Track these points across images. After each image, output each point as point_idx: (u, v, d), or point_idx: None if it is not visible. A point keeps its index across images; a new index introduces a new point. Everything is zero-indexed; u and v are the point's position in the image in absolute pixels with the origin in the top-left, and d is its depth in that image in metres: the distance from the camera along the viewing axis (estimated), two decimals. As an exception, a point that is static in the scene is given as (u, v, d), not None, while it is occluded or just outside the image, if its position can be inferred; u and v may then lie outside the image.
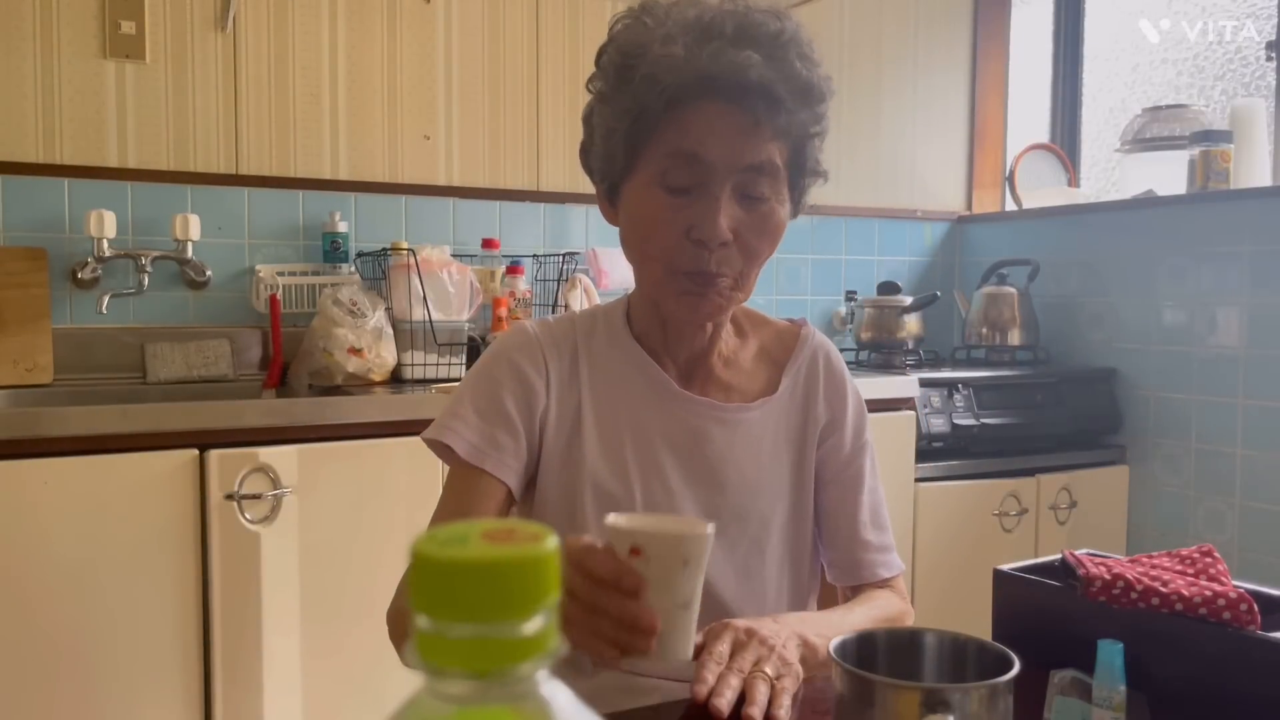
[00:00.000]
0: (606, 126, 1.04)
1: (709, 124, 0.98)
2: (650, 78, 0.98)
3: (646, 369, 1.11)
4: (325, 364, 2.16)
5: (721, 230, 0.99)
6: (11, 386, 2.06)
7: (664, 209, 1.00)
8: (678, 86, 0.97)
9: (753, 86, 0.96)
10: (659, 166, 1.00)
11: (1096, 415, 2.81)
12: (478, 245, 2.55)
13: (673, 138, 0.99)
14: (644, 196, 1.02)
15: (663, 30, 0.99)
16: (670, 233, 1.00)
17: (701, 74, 0.96)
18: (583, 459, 1.07)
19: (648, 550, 0.75)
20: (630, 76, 1.00)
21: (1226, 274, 2.61)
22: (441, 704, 0.31)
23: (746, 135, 0.98)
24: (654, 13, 1.02)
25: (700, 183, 0.99)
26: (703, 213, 0.99)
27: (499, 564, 0.30)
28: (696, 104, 0.98)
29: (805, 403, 1.15)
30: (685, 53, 0.97)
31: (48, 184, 2.20)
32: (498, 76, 2.64)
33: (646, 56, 0.99)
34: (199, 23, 2.32)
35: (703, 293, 1.02)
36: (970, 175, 3.36)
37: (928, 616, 1.60)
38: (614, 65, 1.02)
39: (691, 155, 0.98)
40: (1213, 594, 0.85)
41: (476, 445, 1.05)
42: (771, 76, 0.97)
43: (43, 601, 1.66)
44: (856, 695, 0.71)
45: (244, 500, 1.77)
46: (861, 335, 2.94)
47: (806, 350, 1.18)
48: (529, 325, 1.13)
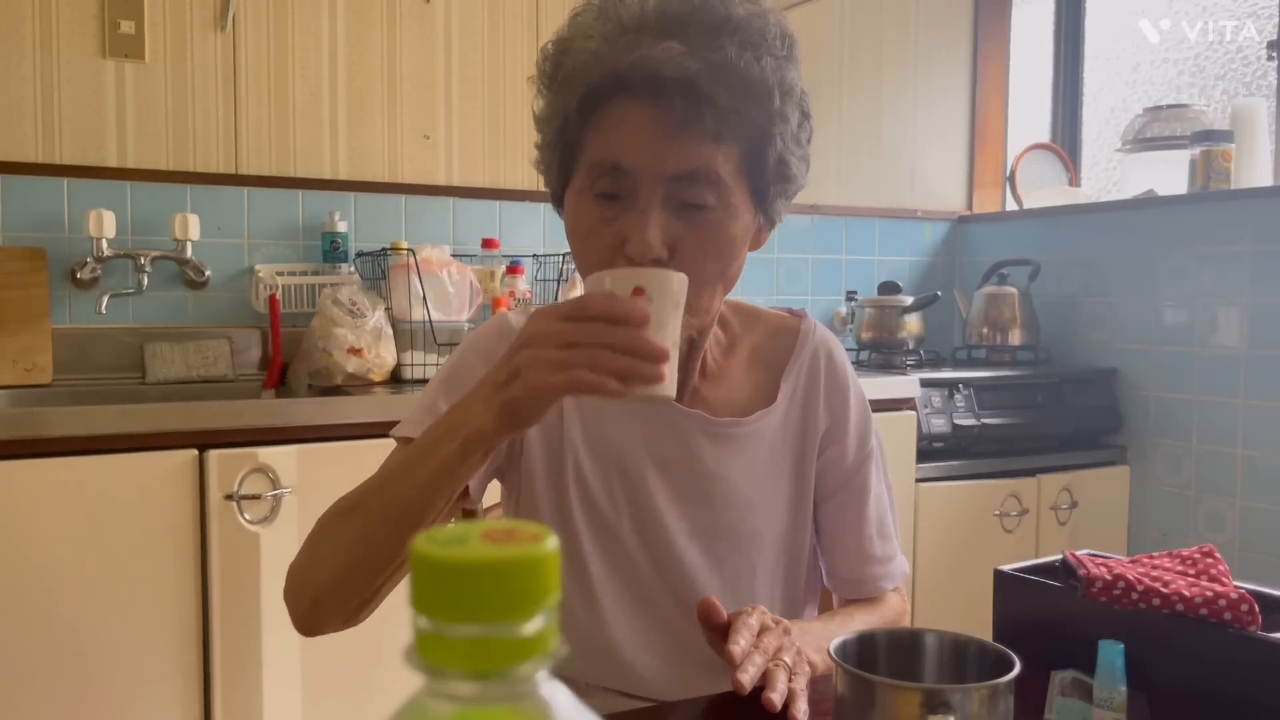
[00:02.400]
0: (540, 130, 0.97)
1: (627, 125, 0.88)
2: (569, 78, 0.90)
3: None
4: (325, 364, 2.16)
5: (651, 245, 0.87)
6: (11, 386, 2.06)
7: (595, 221, 0.91)
8: (589, 86, 0.88)
9: (668, 82, 0.85)
10: (586, 177, 0.91)
11: (1097, 415, 2.81)
12: (478, 245, 2.55)
13: (593, 145, 0.90)
14: (576, 209, 0.94)
15: (600, 24, 0.89)
16: (603, 245, 0.91)
17: (612, 70, 0.87)
18: (568, 476, 1.03)
19: (650, 289, 0.80)
20: (556, 76, 0.92)
21: (1227, 274, 2.61)
22: (441, 704, 0.31)
23: (671, 137, 0.87)
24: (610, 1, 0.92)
25: (626, 192, 0.89)
26: (631, 225, 0.89)
27: (499, 564, 0.30)
28: (610, 105, 0.88)
29: (805, 410, 1.08)
30: (599, 47, 0.87)
31: (47, 184, 2.20)
32: (498, 76, 2.64)
33: (569, 53, 0.90)
34: (199, 23, 2.32)
35: None
36: (971, 175, 3.36)
37: (928, 616, 1.60)
38: (549, 59, 0.93)
39: (613, 164, 0.89)
40: (1213, 594, 0.84)
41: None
42: (693, 68, 0.84)
43: (43, 601, 1.66)
44: (856, 696, 0.71)
45: (243, 500, 1.77)
46: (862, 335, 2.94)
47: (806, 350, 1.09)
48: (510, 316, 1.07)
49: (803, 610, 1.12)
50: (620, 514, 1.03)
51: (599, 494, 1.03)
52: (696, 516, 1.04)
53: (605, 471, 1.03)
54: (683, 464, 1.04)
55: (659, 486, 1.03)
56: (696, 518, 1.04)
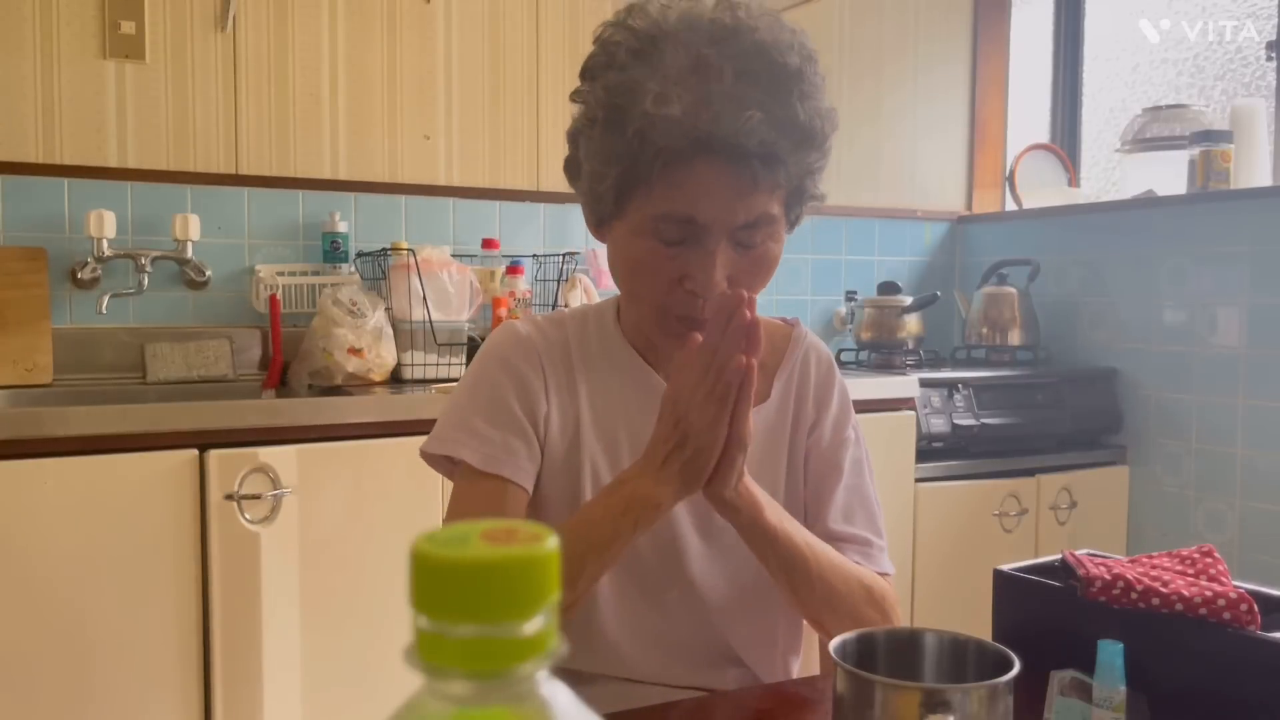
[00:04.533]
0: (591, 166, 0.98)
1: (704, 186, 0.93)
2: (642, 136, 0.92)
3: (641, 374, 1.09)
4: (325, 364, 2.16)
5: (718, 284, 0.95)
6: (11, 386, 2.06)
7: (655, 257, 0.96)
8: (672, 150, 0.91)
9: (751, 150, 0.91)
10: (649, 224, 0.95)
11: (1097, 415, 2.81)
12: (478, 245, 2.55)
13: (663, 199, 0.94)
14: (633, 245, 0.98)
15: (658, 75, 0.91)
16: (661, 280, 0.97)
17: (699, 137, 0.91)
18: (583, 466, 1.05)
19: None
20: (621, 126, 0.93)
21: (1226, 274, 2.61)
22: (441, 704, 0.31)
23: (744, 195, 0.94)
24: (642, 34, 0.94)
25: (694, 236, 0.95)
26: (698, 265, 0.95)
27: (499, 564, 0.30)
28: (691, 165, 0.92)
29: (796, 406, 1.13)
30: (682, 113, 0.90)
31: (47, 184, 2.20)
32: (498, 76, 2.64)
33: (638, 109, 0.91)
34: (199, 23, 2.32)
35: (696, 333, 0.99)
36: (970, 175, 3.36)
37: (927, 616, 1.60)
38: (602, 105, 0.95)
39: (685, 218, 0.94)
40: (1213, 594, 0.84)
41: (491, 453, 1.01)
42: (773, 137, 0.91)
43: (43, 601, 1.66)
44: (856, 695, 0.71)
45: (244, 500, 1.77)
46: (862, 335, 2.94)
47: (798, 353, 1.14)
48: (519, 326, 1.09)
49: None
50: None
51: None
52: (703, 508, 1.06)
53: (618, 462, 1.06)
54: None
55: None
56: (703, 509, 1.06)
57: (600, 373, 1.08)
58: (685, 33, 0.93)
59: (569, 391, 1.07)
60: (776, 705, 0.99)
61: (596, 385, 1.08)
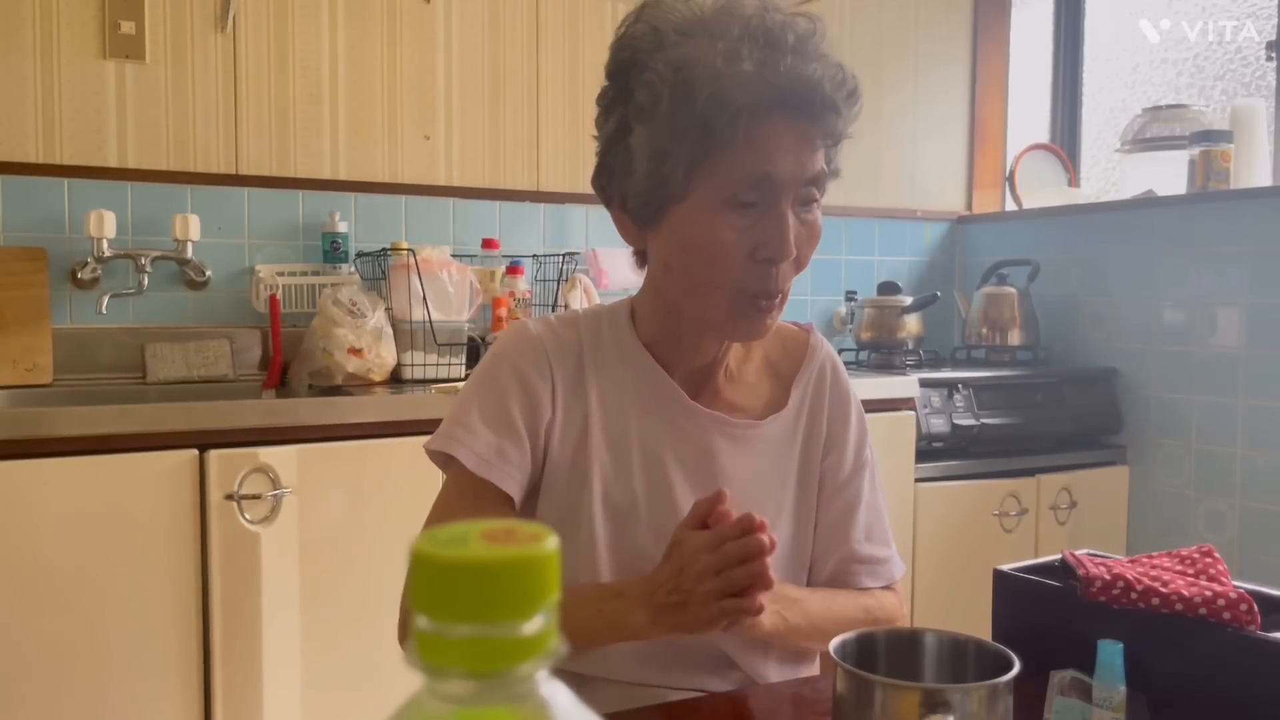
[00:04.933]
0: (655, 148, 0.97)
1: (779, 141, 0.95)
2: (717, 97, 0.92)
3: (656, 379, 1.08)
4: (325, 364, 2.16)
5: (791, 245, 0.97)
6: (11, 386, 2.06)
7: (728, 231, 0.96)
8: (754, 105, 0.92)
9: (821, 100, 0.95)
10: (728, 189, 0.95)
11: (1096, 415, 2.81)
12: (478, 245, 2.55)
13: (747, 159, 0.94)
14: (707, 220, 0.97)
15: (721, 39, 0.94)
16: (735, 257, 0.97)
17: (779, 90, 0.93)
18: (590, 472, 1.05)
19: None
20: (690, 95, 0.93)
21: (1226, 274, 2.61)
22: (441, 704, 0.31)
23: (813, 149, 0.97)
24: (679, 19, 0.97)
25: (765, 200, 0.96)
26: (771, 230, 0.96)
27: (499, 564, 0.30)
28: (769, 121, 0.94)
29: (811, 418, 1.13)
30: (756, 69, 0.92)
31: (47, 184, 2.20)
32: (498, 76, 2.64)
33: (709, 71, 0.93)
34: (199, 23, 2.32)
35: (765, 312, 1.00)
36: (970, 175, 3.36)
37: (927, 616, 1.60)
38: (666, 82, 0.95)
39: (763, 175, 0.95)
40: (1213, 594, 0.84)
41: (483, 457, 1.01)
42: (833, 89, 0.95)
43: (43, 601, 1.66)
44: (856, 695, 0.71)
45: (244, 500, 1.77)
46: (861, 335, 2.94)
47: (815, 363, 1.15)
48: (532, 326, 1.09)
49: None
50: (638, 507, 1.05)
51: (618, 486, 1.05)
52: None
53: (627, 465, 1.06)
54: (702, 462, 1.07)
55: (679, 482, 1.07)
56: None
57: (612, 372, 1.08)
58: (730, 14, 0.96)
59: (577, 393, 1.06)
60: (776, 705, 0.99)
61: (607, 384, 1.07)
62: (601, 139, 1.04)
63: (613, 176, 1.03)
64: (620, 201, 1.03)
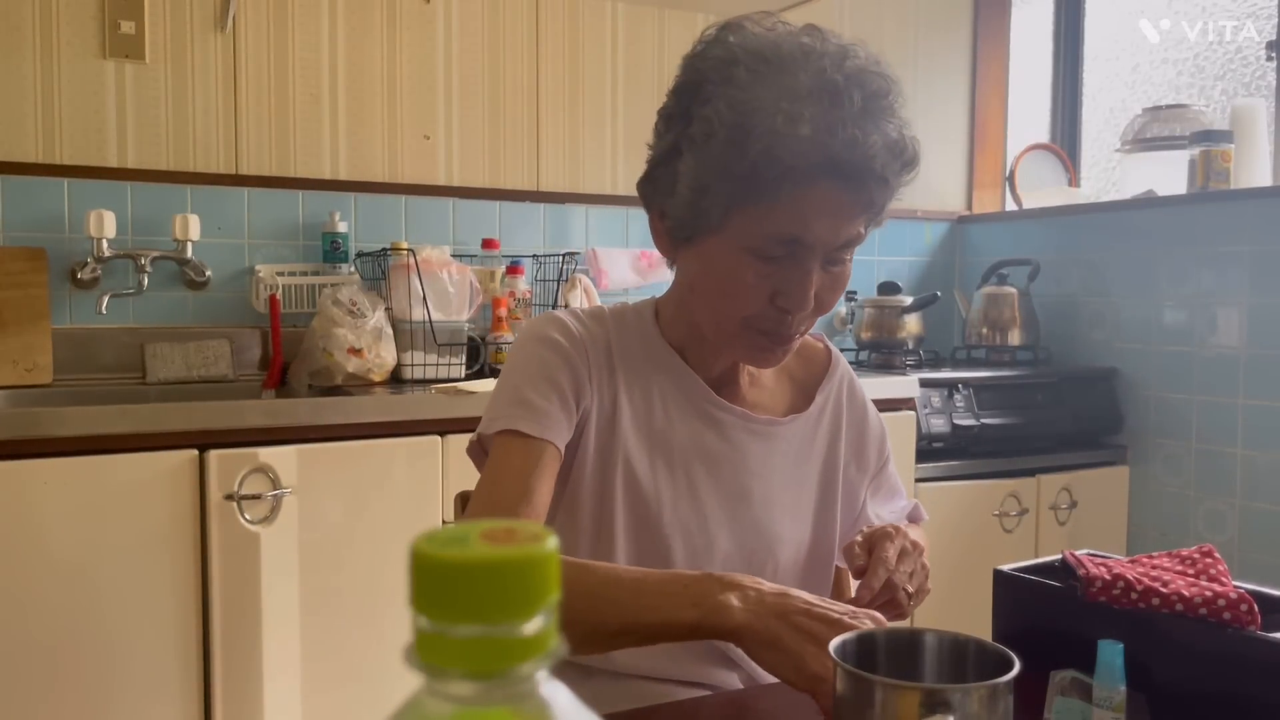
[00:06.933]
0: (699, 180, 0.97)
1: (820, 207, 0.94)
2: (769, 154, 0.91)
3: (681, 376, 1.10)
4: (325, 364, 2.16)
5: (809, 301, 0.98)
6: (11, 386, 2.06)
7: (752, 275, 0.97)
8: (799, 171, 0.92)
9: (873, 174, 0.94)
10: (759, 240, 0.96)
11: (1097, 415, 2.81)
12: (478, 245, 2.55)
13: (784, 219, 0.94)
14: (730, 260, 0.98)
15: (786, 95, 0.92)
16: (755, 298, 0.98)
17: (828, 159, 0.92)
18: (617, 463, 1.06)
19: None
20: (744, 143, 0.92)
21: (1226, 274, 2.61)
22: (441, 704, 0.31)
23: (853, 218, 0.97)
24: (756, 54, 0.95)
25: (794, 255, 0.97)
26: (794, 283, 0.97)
27: (499, 564, 0.30)
28: (814, 186, 0.93)
29: (832, 429, 1.17)
30: (813, 134, 0.91)
31: (47, 184, 2.20)
32: (498, 76, 2.64)
33: (766, 126, 0.91)
34: (199, 23, 2.32)
35: (776, 348, 1.03)
36: (970, 175, 3.36)
37: (927, 616, 1.60)
38: (725, 123, 0.94)
39: (793, 238, 0.95)
40: (1213, 594, 0.84)
41: (542, 422, 1.01)
42: (888, 160, 0.94)
43: (43, 601, 1.66)
44: (856, 695, 0.71)
45: (244, 500, 1.77)
46: (862, 335, 2.94)
47: (836, 375, 1.19)
48: (564, 316, 1.10)
49: None
50: (662, 500, 1.06)
51: (644, 479, 1.06)
52: (734, 510, 1.09)
53: (652, 459, 1.07)
54: (726, 458, 1.09)
55: (703, 478, 1.08)
56: (734, 511, 1.09)
57: (640, 371, 1.09)
58: (806, 57, 0.94)
59: (609, 385, 1.08)
60: (776, 705, 0.99)
61: (635, 383, 1.09)
62: (654, 151, 1.04)
63: (657, 189, 1.04)
64: (659, 212, 1.05)
